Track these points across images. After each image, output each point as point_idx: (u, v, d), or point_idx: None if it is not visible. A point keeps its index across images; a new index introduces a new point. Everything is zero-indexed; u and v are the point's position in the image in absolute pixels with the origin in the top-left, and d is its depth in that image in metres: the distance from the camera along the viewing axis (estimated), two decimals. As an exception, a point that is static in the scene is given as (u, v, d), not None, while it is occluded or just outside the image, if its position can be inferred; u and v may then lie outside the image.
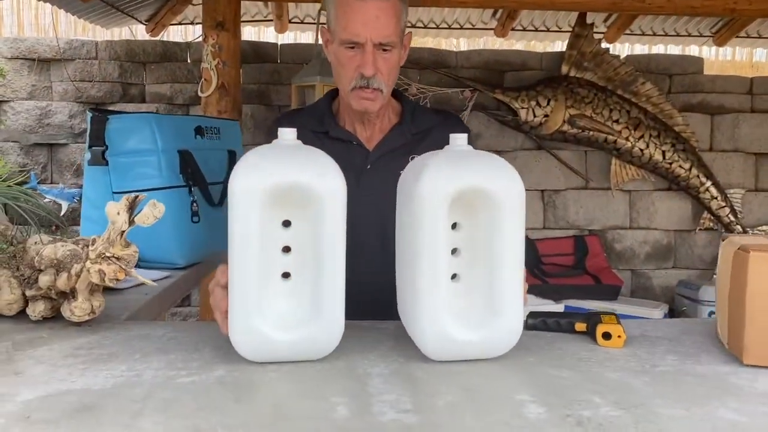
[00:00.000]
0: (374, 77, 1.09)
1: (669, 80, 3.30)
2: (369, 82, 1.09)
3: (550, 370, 0.76)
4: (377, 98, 1.12)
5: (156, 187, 1.27)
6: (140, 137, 1.25)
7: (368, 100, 1.11)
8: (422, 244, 0.74)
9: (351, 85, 1.11)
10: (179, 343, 0.84)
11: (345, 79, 1.12)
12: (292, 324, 0.75)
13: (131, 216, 0.75)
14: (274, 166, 0.72)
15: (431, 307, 0.74)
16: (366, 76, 1.09)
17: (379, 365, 0.77)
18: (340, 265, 0.73)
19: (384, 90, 1.11)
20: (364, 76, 1.09)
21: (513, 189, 0.75)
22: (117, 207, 0.75)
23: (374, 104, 1.12)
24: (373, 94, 1.11)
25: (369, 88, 1.10)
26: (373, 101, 1.12)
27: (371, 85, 1.10)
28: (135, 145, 1.25)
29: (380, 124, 1.20)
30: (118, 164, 1.25)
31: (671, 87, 3.29)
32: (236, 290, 0.73)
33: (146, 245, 1.29)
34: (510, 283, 0.75)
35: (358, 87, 1.10)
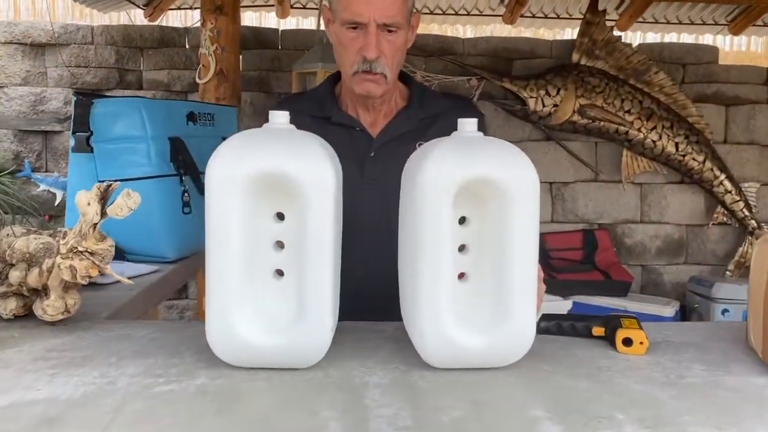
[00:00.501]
0: (377, 60, 1.01)
1: (683, 70, 3.20)
2: (372, 65, 1.01)
3: (567, 380, 0.69)
4: (380, 83, 1.04)
5: (145, 176, 1.20)
6: (128, 123, 1.18)
7: (371, 83, 1.03)
8: (424, 240, 0.66)
9: (353, 68, 1.03)
10: (160, 346, 0.77)
11: (347, 61, 1.04)
12: (279, 327, 0.68)
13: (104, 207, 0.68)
14: (255, 151, 0.65)
15: (433, 309, 0.67)
16: (369, 59, 1.01)
17: (378, 373, 0.70)
18: (328, 262, 0.66)
19: (388, 75, 1.04)
20: (366, 59, 1.01)
21: (526, 179, 0.67)
22: (87, 197, 0.68)
23: (377, 89, 1.04)
24: (376, 79, 1.03)
25: (372, 72, 1.02)
26: (377, 85, 1.04)
27: (374, 69, 1.02)
28: (122, 131, 1.18)
29: (385, 108, 1.12)
30: (104, 151, 1.18)
31: (685, 77, 3.19)
32: (213, 288, 0.66)
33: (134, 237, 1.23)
34: (522, 283, 0.68)
35: (361, 71, 1.02)
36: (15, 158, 2.79)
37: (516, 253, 0.68)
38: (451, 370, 0.70)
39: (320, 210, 0.66)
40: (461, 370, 0.70)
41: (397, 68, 1.06)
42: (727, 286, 2.66)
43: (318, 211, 0.66)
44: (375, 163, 1.08)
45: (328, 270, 0.67)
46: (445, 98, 1.17)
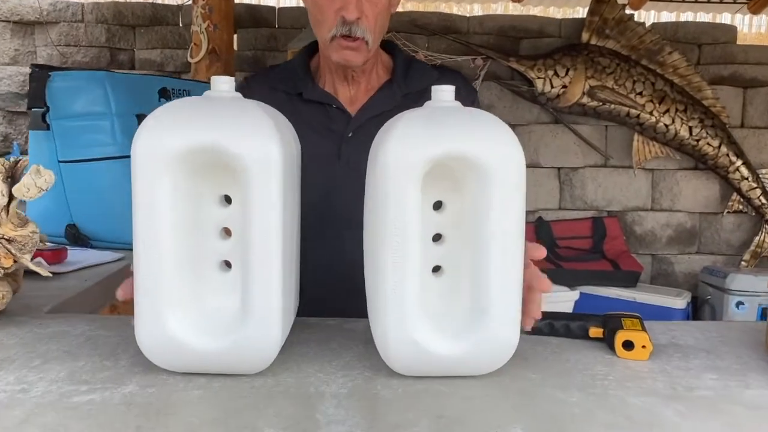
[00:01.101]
0: (358, 23, 0.90)
1: (698, 50, 3.05)
2: (351, 29, 0.90)
3: (555, 391, 0.59)
4: (361, 50, 0.93)
5: (109, 156, 1.11)
6: (90, 98, 1.09)
7: (350, 50, 0.92)
8: (386, 227, 0.57)
9: (330, 32, 0.92)
10: (95, 345, 0.68)
11: (324, 25, 0.93)
12: (221, 327, 0.59)
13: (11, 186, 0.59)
14: (188, 122, 0.55)
15: (397, 307, 0.57)
16: (348, 21, 0.89)
17: (337, 381, 0.60)
18: (276, 253, 0.57)
19: (370, 40, 0.93)
20: (346, 20, 0.89)
21: (510, 157, 0.57)
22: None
23: (357, 56, 0.93)
24: (357, 44, 0.92)
25: (351, 37, 0.91)
26: (356, 53, 0.93)
27: (354, 32, 0.91)
28: (84, 107, 1.08)
29: (366, 82, 1.01)
30: (63, 129, 1.09)
31: (700, 57, 3.05)
32: (141, 282, 0.57)
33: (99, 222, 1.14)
34: (505, 279, 0.58)
35: (339, 35, 0.91)
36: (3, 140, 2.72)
37: (498, 244, 0.58)
38: (420, 379, 0.61)
39: (265, 191, 0.56)
40: (432, 379, 0.61)
41: (379, 34, 0.95)
42: (741, 277, 2.54)
43: (262, 192, 0.56)
44: (353, 144, 0.98)
45: (276, 261, 0.57)
46: (433, 71, 1.06)
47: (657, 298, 2.52)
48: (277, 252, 0.57)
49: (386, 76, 1.03)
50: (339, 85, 1.01)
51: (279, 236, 0.57)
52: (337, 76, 1.00)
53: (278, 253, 0.57)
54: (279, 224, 0.57)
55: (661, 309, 2.45)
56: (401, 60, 1.03)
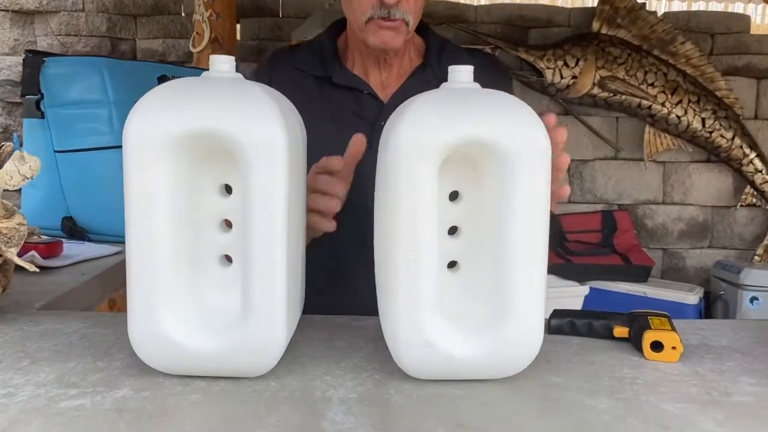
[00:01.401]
0: (397, 6, 0.84)
1: (711, 40, 2.98)
2: (390, 11, 0.84)
3: (582, 396, 0.55)
4: (400, 31, 0.86)
5: (107, 145, 1.07)
6: (86, 85, 1.04)
7: (390, 31, 0.85)
8: (398, 220, 0.52)
9: (366, 14, 0.85)
10: (89, 345, 0.64)
11: (359, 7, 0.86)
12: (221, 326, 0.54)
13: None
14: (184, 105, 0.51)
15: (411, 306, 0.53)
16: (387, 4, 0.83)
17: (346, 385, 0.56)
18: (281, 246, 0.52)
19: (410, 21, 0.86)
20: (384, 3, 0.83)
21: (534, 142, 0.52)
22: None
23: (396, 38, 0.86)
24: (395, 26, 0.85)
25: (390, 19, 0.84)
26: (395, 34, 0.86)
27: (393, 15, 0.84)
28: (80, 94, 1.04)
29: (398, 66, 0.94)
30: (58, 117, 1.05)
31: (713, 48, 2.98)
32: (135, 277, 0.53)
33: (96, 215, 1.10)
34: (528, 275, 0.54)
35: (377, 17, 0.85)
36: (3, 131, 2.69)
37: (521, 238, 0.53)
38: (435, 382, 0.56)
39: (268, 180, 0.51)
40: (448, 383, 0.56)
41: (419, 15, 0.89)
42: (756, 272, 2.48)
43: (265, 180, 0.51)
44: None
45: (280, 255, 0.53)
46: (468, 54, 0.99)
47: (669, 294, 2.47)
48: (281, 245, 0.52)
49: (418, 59, 0.97)
50: (370, 68, 0.94)
51: (283, 228, 0.52)
52: (368, 59, 0.93)
53: (282, 247, 0.53)
54: (283, 215, 0.52)
55: (673, 305, 2.39)
56: (435, 43, 0.97)
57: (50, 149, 1.06)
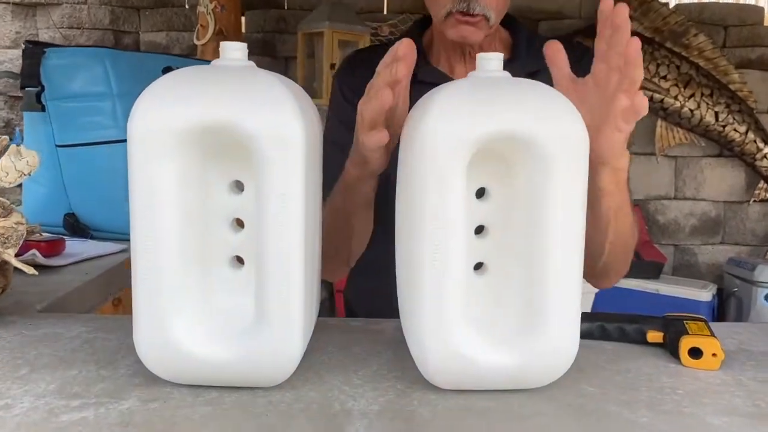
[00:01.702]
0: (477, 0, 0.80)
1: (724, 32, 2.92)
2: (470, 5, 0.80)
3: (620, 409, 0.51)
4: (481, 26, 0.82)
5: (110, 139, 1.03)
6: (89, 77, 1.00)
7: (469, 26, 0.82)
8: (426, 219, 0.48)
9: (446, 8, 0.82)
10: (93, 350, 0.61)
11: (438, 1, 0.83)
12: (234, 333, 0.51)
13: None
14: (191, 96, 0.47)
15: (437, 312, 0.49)
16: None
17: (366, 396, 0.52)
18: (297, 247, 0.49)
19: (491, 17, 0.82)
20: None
21: (572, 136, 0.48)
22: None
23: (476, 33, 0.83)
24: (476, 21, 0.81)
25: (470, 14, 0.81)
26: (475, 29, 0.82)
27: (473, 9, 0.80)
28: (82, 86, 1.00)
29: None
30: (60, 110, 1.01)
31: (727, 40, 2.92)
32: (141, 280, 0.49)
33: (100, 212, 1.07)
34: (563, 277, 0.50)
35: (456, 11, 0.81)
36: (5, 126, 2.65)
37: (555, 238, 0.49)
38: (462, 393, 0.53)
39: (283, 176, 0.48)
40: (476, 393, 0.52)
41: (502, 10, 0.85)
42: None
43: (280, 177, 0.47)
44: None
45: (297, 257, 0.49)
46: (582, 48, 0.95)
47: (681, 290, 2.43)
48: (297, 247, 0.49)
49: (506, 54, 0.92)
50: (455, 63, 0.90)
51: (300, 228, 0.48)
52: (453, 54, 0.89)
53: (299, 248, 0.49)
54: (300, 214, 0.48)
55: (685, 302, 2.35)
56: (523, 36, 0.92)
57: (52, 143, 1.02)
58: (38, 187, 1.06)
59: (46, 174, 1.04)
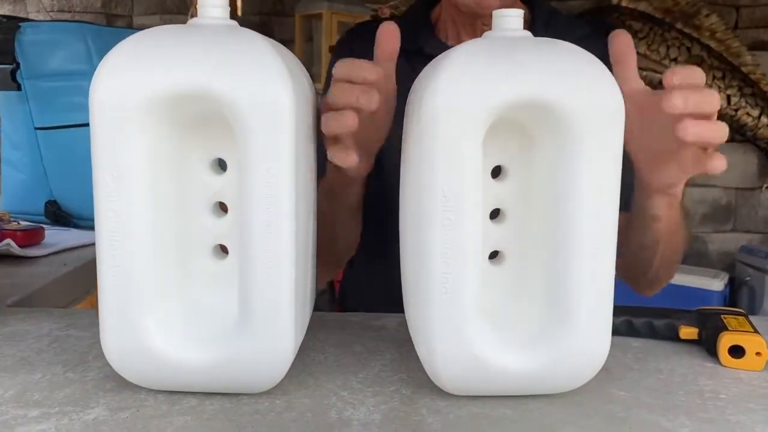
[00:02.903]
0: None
1: (736, 13, 2.83)
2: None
3: (657, 416, 0.45)
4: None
5: (92, 122, 0.96)
6: (69, 54, 0.93)
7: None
8: (435, 200, 0.42)
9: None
10: (61, 351, 0.55)
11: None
12: (215, 333, 0.44)
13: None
14: (164, 59, 0.40)
15: (449, 309, 0.43)
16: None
17: (367, 402, 0.46)
18: (287, 234, 0.42)
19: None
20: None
21: (606, 105, 0.42)
22: None
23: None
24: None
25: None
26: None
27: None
28: (61, 64, 0.93)
29: None
30: (37, 90, 0.94)
31: (739, 21, 2.83)
32: (106, 274, 0.42)
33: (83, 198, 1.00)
34: (596, 270, 0.43)
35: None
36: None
37: (585, 222, 0.42)
38: (476, 400, 0.46)
39: (270, 150, 0.41)
40: (492, 400, 0.46)
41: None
42: (786, 257, 2.37)
43: (267, 152, 0.41)
44: None
45: (287, 245, 0.42)
46: (580, 23, 0.86)
47: (692, 280, 2.36)
48: (288, 231, 0.42)
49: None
50: (465, 38, 0.81)
51: (290, 209, 0.42)
52: (462, 27, 0.80)
53: (289, 235, 0.42)
54: (290, 195, 0.42)
55: (697, 291, 2.29)
56: (542, 11, 0.83)
57: (30, 126, 0.95)
58: (17, 173, 0.99)
59: (24, 159, 0.97)
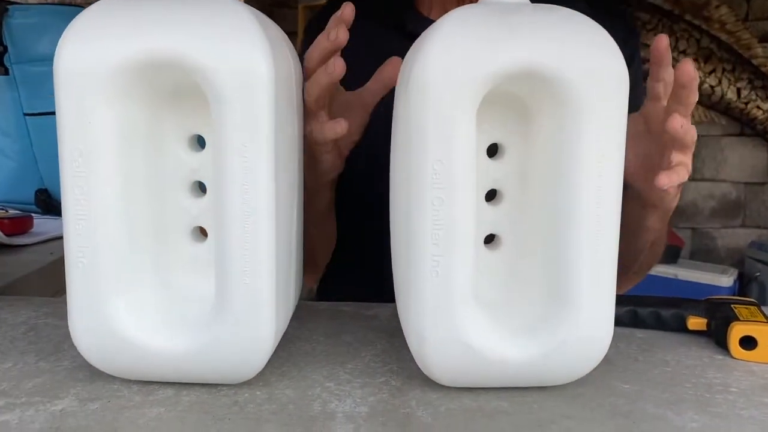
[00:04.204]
0: None
1: (747, 4, 2.78)
2: None
3: (664, 411, 0.42)
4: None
5: (83, 108, 0.93)
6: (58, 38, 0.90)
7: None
8: (425, 178, 0.39)
9: None
10: (36, 339, 0.52)
11: None
12: (191, 320, 0.42)
13: None
14: (135, 25, 0.38)
15: (440, 295, 0.40)
16: None
17: (353, 394, 0.43)
18: (266, 214, 0.39)
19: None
20: None
21: (612, 76, 0.39)
22: None
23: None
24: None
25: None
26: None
27: None
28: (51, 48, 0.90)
29: None
30: (26, 75, 0.92)
31: (749, 12, 2.78)
32: (74, 257, 0.40)
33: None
34: (599, 253, 0.40)
35: None
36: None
37: (590, 206, 0.39)
38: (470, 392, 0.43)
39: (249, 125, 0.38)
40: (487, 392, 0.43)
41: None
42: (796, 252, 2.33)
43: (245, 127, 0.38)
44: None
45: (265, 224, 0.40)
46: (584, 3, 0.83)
47: (701, 276, 2.32)
48: (266, 209, 0.39)
49: None
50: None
51: (269, 187, 0.39)
52: (449, 2, 0.75)
53: (268, 212, 0.40)
54: (269, 170, 0.39)
55: (705, 287, 2.25)
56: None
57: (19, 112, 0.93)
58: (6, 160, 0.97)
59: (14, 146, 0.95)
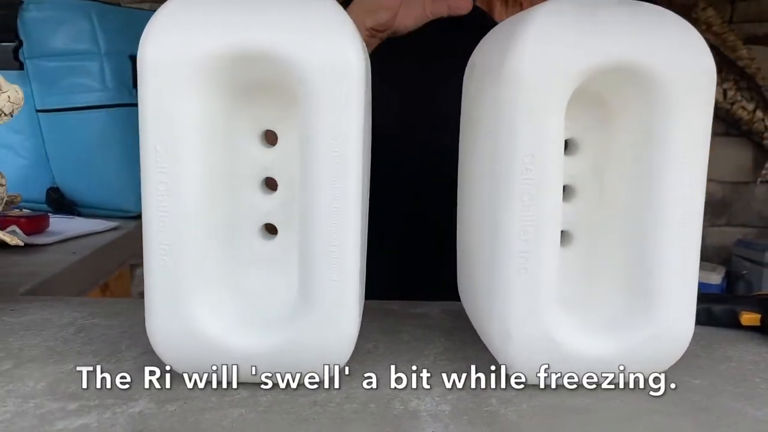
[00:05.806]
0: None
1: (731, 7, 2.84)
2: None
3: (743, 405, 0.42)
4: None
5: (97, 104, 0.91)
6: (73, 33, 0.88)
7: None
8: (514, 173, 0.38)
9: None
10: (89, 340, 0.51)
11: None
12: (270, 318, 0.41)
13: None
14: (221, 15, 0.37)
15: (528, 292, 0.40)
16: None
17: (431, 393, 0.43)
18: (354, 212, 0.38)
19: None
20: None
21: (697, 67, 0.39)
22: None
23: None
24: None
25: None
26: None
27: None
28: (66, 43, 0.88)
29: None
30: (40, 70, 0.89)
31: (733, 15, 2.84)
32: (153, 255, 0.39)
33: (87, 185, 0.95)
34: (682, 249, 0.40)
35: None
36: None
37: (675, 203, 0.40)
38: (548, 391, 0.43)
39: (341, 118, 0.37)
40: (561, 390, 0.43)
41: None
42: (783, 250, 2.38)
43: (334, 118, 0.37)
44: None
45: (353, 225, 0.39)
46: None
47: (691, 273, 2.36)
48: (355, 207, 0.39)
49: None
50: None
51: (358, 183, 0.38)
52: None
53: (356, 209, 0.39)
54: (359, 165, 0.38)
55: (696, 284, 2.29)
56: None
57: (32, 108, 0.90)
58: (17, 158, 0.94)
59: (26, 143, 0.92)
